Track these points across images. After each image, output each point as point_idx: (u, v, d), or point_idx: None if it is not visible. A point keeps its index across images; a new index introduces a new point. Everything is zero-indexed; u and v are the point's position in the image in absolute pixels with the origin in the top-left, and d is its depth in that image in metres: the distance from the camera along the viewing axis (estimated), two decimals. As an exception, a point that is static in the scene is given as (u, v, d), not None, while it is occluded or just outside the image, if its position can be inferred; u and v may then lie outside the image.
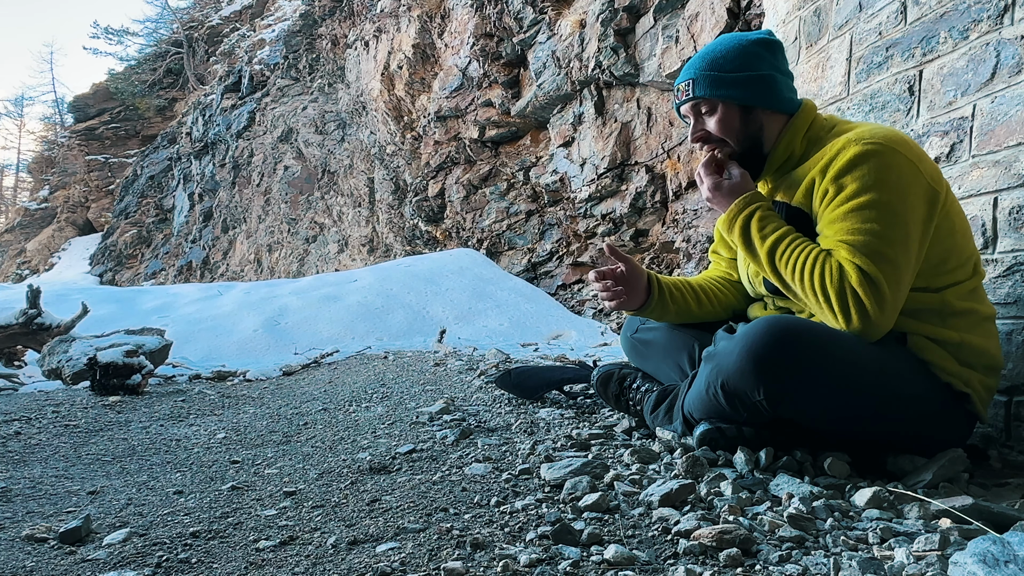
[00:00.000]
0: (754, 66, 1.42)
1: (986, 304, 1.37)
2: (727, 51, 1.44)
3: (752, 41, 1.45)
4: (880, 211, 1.25)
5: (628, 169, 5.47)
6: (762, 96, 1.43)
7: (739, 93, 1.42)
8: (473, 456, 1.55)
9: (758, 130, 1.45)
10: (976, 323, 1.33)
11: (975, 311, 1.33)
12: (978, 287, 1.36)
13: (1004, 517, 1.02)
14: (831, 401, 1.27)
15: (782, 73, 1.46)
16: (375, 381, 2.86)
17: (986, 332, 1.34)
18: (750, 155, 1.47)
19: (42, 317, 4.46)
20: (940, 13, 1.67)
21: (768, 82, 1.43)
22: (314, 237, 11.77)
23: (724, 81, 1.42)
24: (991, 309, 1.37)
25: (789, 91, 1.47)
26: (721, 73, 1.42)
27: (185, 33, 20.36)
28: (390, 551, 1.03)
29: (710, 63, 1.44)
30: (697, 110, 1.47)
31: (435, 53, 7.82)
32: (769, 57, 1.44)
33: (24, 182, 32.46)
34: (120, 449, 1.95)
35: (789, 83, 1.48)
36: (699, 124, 1.48)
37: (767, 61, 1.44)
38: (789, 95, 1.46)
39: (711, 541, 0.97)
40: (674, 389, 1.57)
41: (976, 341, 1.31)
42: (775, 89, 1.43)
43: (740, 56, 1.43)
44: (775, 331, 1.25)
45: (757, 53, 1.44)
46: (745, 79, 1.42)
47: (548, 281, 6.76)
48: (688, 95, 1.46)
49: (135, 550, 1.11)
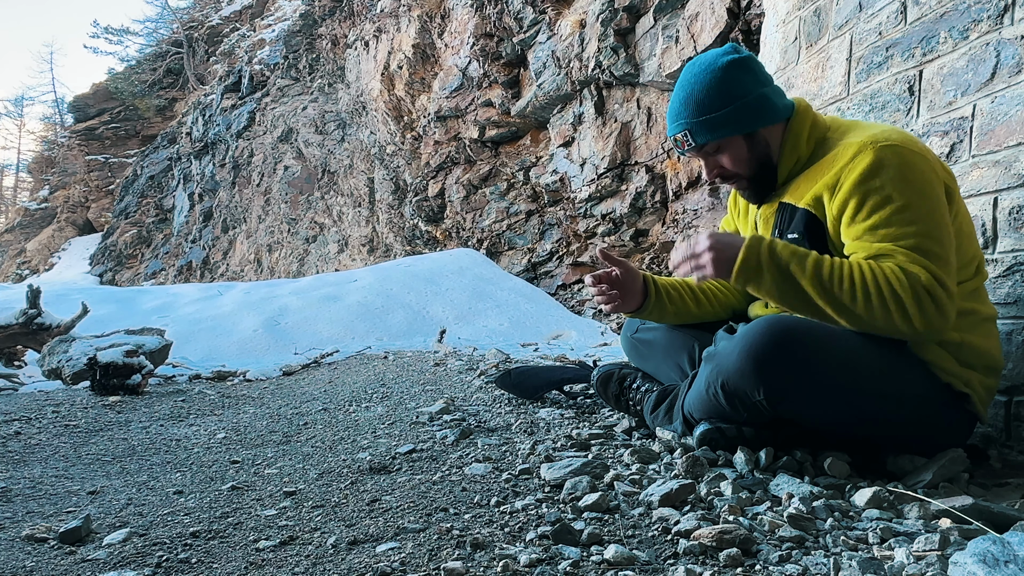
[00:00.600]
0: (739, 93, 1.39)
1: (987, 305, 1.37)
2: (707, 88, 1.40)
3: (724, 67, 1.39)
4: (917, 212, 1.23)
5: (628, 169, 5.47)
6: (757, 118, 1.40)
7: (737, 127, 1.40)
8: (473, 456, 1.55)
9: (765, 148, 1.43)
10: (977, 323, 1.32)
11: (976, 311, 1.32)
12: (980, 288, 1.36)
13: (1004, 517, 1.02)
14: (831, 401, 1.27)
15: (767, 84, 1.43)
16: (375, 381, 2.86)
17: (987, 333, 1.34)
18: (762, 173, 1.45)
19: (42, 317, 4.46)
20: (940, 13, 1.67)
21: (758, 102, 1.40)
22: (314, 237, 11.78)
23: (718, 122, 1.39)
24: (992, 310, 1.37)
25: (780, 98, 1.44)
26: (712, 115, 1.39)
27: (185, 33, 20.36)
28: (390, 551, 1.03)
29: (696, 108, 1.41)
30: (704, 153, 1.46)
31: (435, 53, 7.82)
32: (749, 77, 1.40)
33: (24, 182, 32.48)
34: (120, 449, 1.95)
35: (776, 90, 1.45)
36: (711, 163, 1.47)
37: (749, 82, 1.40)
38: (782, 102, 1.44)
39: (711, 541, 0.97)
40: (674, 389, 1.57)
41: (977, 341, 1.31)
42: (767, 105, 1.40)
43: (722, 90, 1.39)
44: (775, 331, 1.25)
45: (735, 78, 1.39)
46: (737, 110, 1.39)
47: (548, 281, 6.77)
48: (690, 144, 1.43)
49: (135, 550, 1.11)
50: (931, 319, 1.20)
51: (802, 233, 1.37)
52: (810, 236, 1.37)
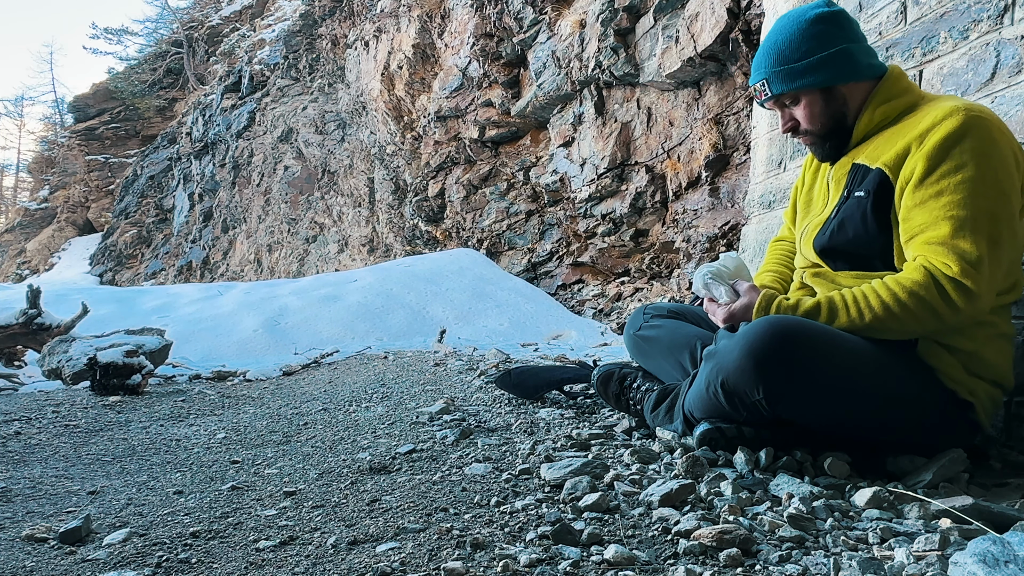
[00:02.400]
0: (822, 47, 1.38)
1: (1008, 323, 1.33)
2: (790, 39, 1.40)
3: (812, 20, 1.39)
4: (985, 187, 1.20)
5: (628, 169, 5.47)
6: (838, 74, 1.38)
7: (814, 79, 1.39)
8: (473, 456, 1.55)
9: (842, 105, 1.41)
10: (992, 338, 1.30)
11: (995, 324, 1.30)
12: (1008, 305, 1.33)
13: (1004, 517, 1.02)
14: (829, 401, 1.27)
15: (854, 41, 1.39)
16: (375, 381, 2.86)
17: (1000, 349, 1.31)
18: (836, 130, 1.44)
19: (42, 317, 4.46)
20: (940, 13, 1.67)
21: (840, 58, 1.37)
22: (314, 237, 11.77)
23: (796, 72, 1.39)
24: (1011, 328, 1.33)
25: (867, 57, 1.41)
26: (791, 65, 1.39)
27: (185, 33, 20.36)
28: (390, 551, 1.03)
29: (777, 58, 1.41)
30: (781, 104, 1.46)
31: (435, 53, 7.82)
32: (835, 30, 1.38)
33: (24, 182, 32.47)
34: (120, 449, 1.95)
35: (865, 48, 1.42)
36: (785, 115, 1.47)
37: (833, 36, 1.38)
38: (868, 61, 1.40)
39: (711, 541, 0.97)
40: (674, 388, 1.57)
41: (989, 355, 1.29)
42: (850, 62, 1.38)
43: (805, 41, 1.39)
44: (775, 330, 1.24)
45: (822, 32, 1.38)
46: (817, 63, 1.38)
47: (548, 281, 6.77)
48: (767, 94, 1.45)
49: (135, 550, 1.11)
50: (961, 308, 1.19)
51: (869, 192, 1.34)
52: (876, 198, 1.33)
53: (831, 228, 1.41)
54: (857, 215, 1.36)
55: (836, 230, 1.40)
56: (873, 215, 1.33)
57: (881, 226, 1.33)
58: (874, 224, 1.33)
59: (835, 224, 1.41)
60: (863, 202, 1.35)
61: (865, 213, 1.34)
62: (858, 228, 1.36)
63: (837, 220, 1.40)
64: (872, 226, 1.34)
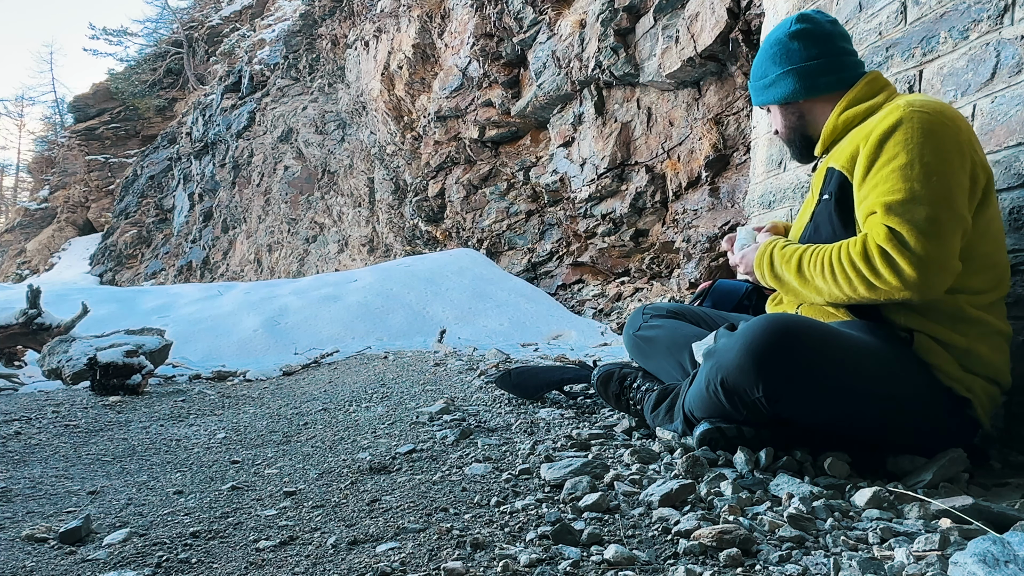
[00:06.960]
0: (777, 66, 1.51)
1: (1003, 321, 1.33)
2: (759, 58, 1.57)
3: (779, 38, 1.51)
4: (920, 171, 1.22)
5: (628, 169, 5.47)
6: (794, 92, 1.50)
7: (773, 96, 1.55)
8: (473, 456, 1.55)
9: (799, 119, 1.55)
10: (987, 334, 1.30)
11: (987, 322, 1.30)
12: (997, 302, 1.33)
13: (1004, 517, 1.02)
14: (829, 400, 1.27)
15: (820, 57, 1.47)
16: (375, 381, 2.86)
17: (996, 346, 1.31)
18: (796, 140, 1.58)
19: (42, 317, 4.46)
20: (940, 13, 1.67)
21: (792, 77, 1.49)
22: (314, 237, 11.78)
23: (760, 88, 1.58)
24: (1007, 327, 1.33)
25: (829, 73, 1.47)
26: (756, 82, 1.59)
27: (185, 33, 20.36)
28: (390, 551, 1.03)
29: (752, 73, 1.60)
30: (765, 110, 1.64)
31: (435, 53, 7.82)
32: (797, 49, 1.48)
33: (24, 182, 32.47)
34: (120, 449, 1.95)
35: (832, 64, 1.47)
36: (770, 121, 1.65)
37: (793, 55, 1.49)
38: (834, 77, 1.47)
39: (711, 541, 0.97)
40: (675, 388, 1.57)
41: (984, 352, 1.29)
42: (805, 80, 1.48)
43: (766, 60, 1.55)
44: (775, 328, 1.25)
45: (781, 52, 1.51)
46: (772, 82, 1.53)
47: (548, 281, 6.77)
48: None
49: (135, 550, 1.11)
50: (887, 278, 1.21)
51: (831, 194, 1.42)
52: (838, 199, 1.40)
53: (808, 231, 1.50)
54: (826, 216, 1.43)
55: (812, 233, 1.48)
56: (837, 215, 1.40)
57: (846, 224, 1.39)
58: (839, 223, 1.40)
59: (811, 227, 1.49)
60: (828, 204, 1.43)
61: (831, 214, 1.41)
62: (828, 229, 1.43)
63: (813, 223, 1.49)
64: (838, 226, 1.40)
